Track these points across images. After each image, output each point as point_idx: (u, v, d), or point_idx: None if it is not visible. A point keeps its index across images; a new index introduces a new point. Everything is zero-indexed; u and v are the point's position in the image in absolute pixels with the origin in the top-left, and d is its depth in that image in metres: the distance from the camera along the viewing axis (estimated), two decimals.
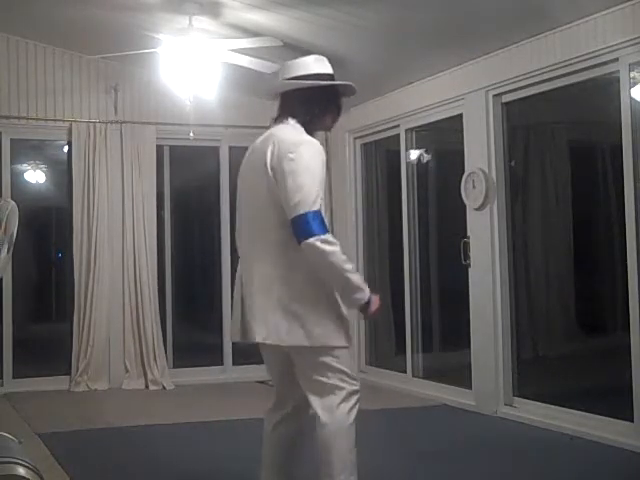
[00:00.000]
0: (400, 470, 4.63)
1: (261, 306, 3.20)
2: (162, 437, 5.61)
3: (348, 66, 6.74)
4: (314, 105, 3.30)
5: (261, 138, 3.32)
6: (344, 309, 3.26)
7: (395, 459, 4.86)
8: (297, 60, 3.39)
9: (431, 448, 5.14)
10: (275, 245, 3.19)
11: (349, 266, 3.16)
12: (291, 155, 3.10)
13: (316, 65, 3.36)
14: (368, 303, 3.27)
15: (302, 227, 3.06)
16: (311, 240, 3.05)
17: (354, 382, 3.26)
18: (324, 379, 3.20)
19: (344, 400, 3.22)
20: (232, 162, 7.88)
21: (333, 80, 3.36)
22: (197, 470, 4.67)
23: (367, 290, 3.25)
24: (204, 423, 5.95)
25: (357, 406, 3.26)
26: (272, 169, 3.13)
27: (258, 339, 3.21)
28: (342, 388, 3.21)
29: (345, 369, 3.24)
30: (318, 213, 3.07)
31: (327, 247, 3.08)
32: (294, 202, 3.06)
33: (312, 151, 3.14)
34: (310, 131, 3.26)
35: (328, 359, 3.20)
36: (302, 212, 3.05)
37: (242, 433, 5.45)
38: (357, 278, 3.21)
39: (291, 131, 3.22)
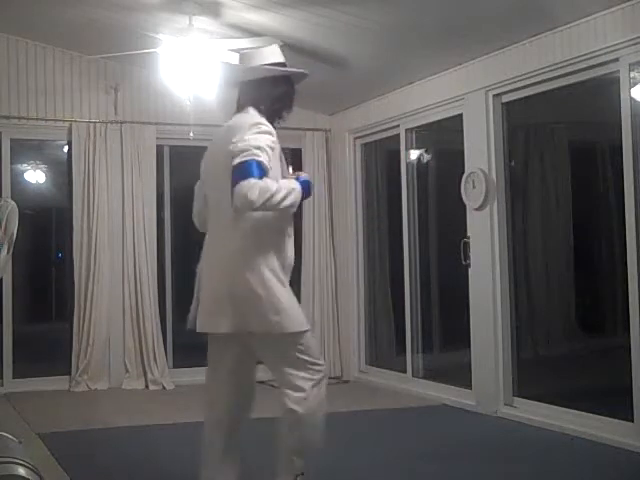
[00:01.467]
0: (400, 470, 4.62)
1: (224, 294, 3.32)
2: (162, 437, 5.61)
3: (348, 66, 6.76)
4: (266, 95, 3.44)
5: (222, 128, 3.49)
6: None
7: (395, 459, 4.86)
8: (253, 51, 3.60)
9: (431, 448, 5.14)
10: (236, 230, 3.32)
11: (281, 191, 3.21)
12: (239, 136, 3.23)
13: (270, 55, 3.51)
14: (306, 191, 3.38)
15: (239, 172, 3.14)
16: (247, 181, 3.10)
17: (320, 367, 3.41)
18: (293, 370, 3.35)
19: (315, 387, 3.38)
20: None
21: (284, 65, 3.52)
22: (197, 470, 4.67)
23: (295, 184, 3.33)
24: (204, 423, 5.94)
25: (325, 390, 3.43)
26: (230, 155, 3.22)
27: (223, 329, 3.34)
28: (310, 379, 3.36)
29: (311, 357, 3.38)
30: (258, 162, 3.15)
31: (262, 183, 3.13)
32: (236, 151, 3.17)
33: (261, 130, 3.26)
34: (270, 118, 3.40)
35: (294, 348, 3.35)
36: (243, 160, 3.14)
37: (241, 433, 5.44)
38: (285, 192, 3.24)
39: (249, 118, 3.35)
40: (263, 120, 3.35)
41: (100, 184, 7.58)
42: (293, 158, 8.59)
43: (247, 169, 3.12)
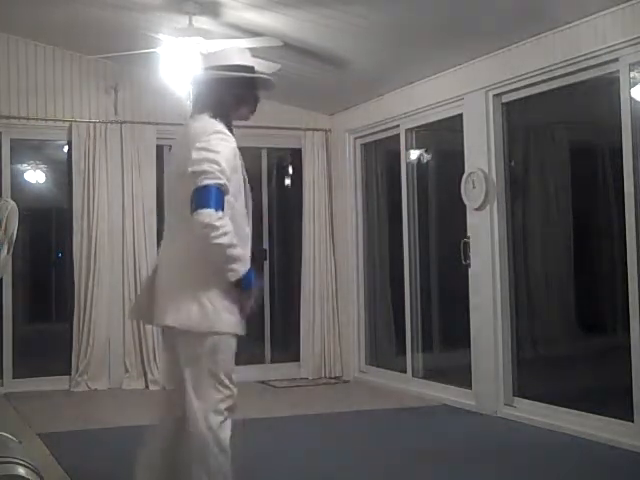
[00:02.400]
0: (400, 470, 4.63)
1: (166, 289, 3.21)
2: None
3: (348, 66, 6.76)
4: (225, 96, 3.27)
5: (180, 132, 3.39)
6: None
7: (395, 459, 4.86)
8: (218, 50, 3.45)
9: (431, 448, 5.14)
10: (180, 230, 3.24)
11: (233, 241, 3.07)
12: (199, 144, 3.10)
13: (236, 56, 3.34)
14: (247, 284, 3.13)
15: (199, 198, 3.01)
16: (205, 212, 2.99)
17: (230, 389, 3.18)
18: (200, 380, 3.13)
19: (214, 411, 3.13)
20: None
21: (253, 72, 3.34)
22: None
23: (247, 267, 3.13)
24: None
25: (229, 423, 3.17)
26: (184, 160, 3.13)
27: (167, 322, 3.16)
28: (215, 396, 3.13)
29: (222, 373, 3.15)
30: (219, 188, 3.03)
31: (218, 223, 3.00)
32: (197, 172, 3.04)
33: (220, 138, 3.14)
34: (225, 122, 3.25)
35: (208, 354, 3.12)
36: (205, 183, 3.02)
37: (241, 433, 5.44)
38: (239, 252, 3.10)
39: (203, 124, 3.20)
40: (221, 127, 3.20)
41: (100, 184, 7.58)
42: (293, 158, 8.60)
43: (206, 196, 3.01)
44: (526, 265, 6.60)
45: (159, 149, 7.89)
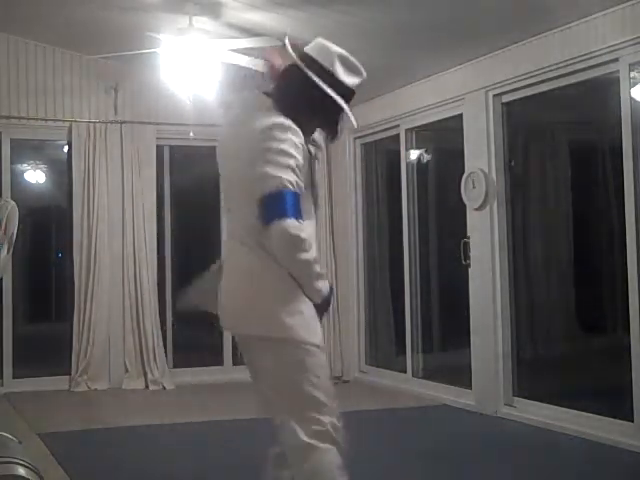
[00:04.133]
0: (400, 470, 4.63)
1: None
2: (162, 437, 5.61)
3: None
4: (306, 103, 2.78)
5: (237, 108, 2.93)
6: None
7: (395, 459, 4.86)
8: (327, 44, 2.85)
9: (431, 448, 5.14)
10: (249, 232, 2.78)
11: (316, 256, 2.75)
12: (266, 140, 2.66)
13: (341, 69, 2.83)
14: (330, 298, 2.82)
15: (274, 206, 2.62)
16: (283, 224, 2.61)
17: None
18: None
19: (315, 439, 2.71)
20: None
21: (351, 94, 2.85)
22: (197, 470, 4.67)
23: (327, 284, 2.81)
24: (204, 423, 5.95)
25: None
26: (248, 149, 2.71)
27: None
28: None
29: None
30: (293, 193, 2.64)
31: (303, 235, 2.64)
32: (266, 175, 2.63)
33: (285, 134, 2.67)
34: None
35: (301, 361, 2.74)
36: (275, 190, 2.62)
37: (242, 433, 5.45)
38: (321, 269, 2.78)
39: (268, 116, 2.71)
40: (282, 119, 2.70)
41: (100, 184, 7.58)
42: None
43: (281, 204, 2.61)
44: (526, 265, 6.60)
45: (159, 149, 7.90)
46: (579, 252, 6.62)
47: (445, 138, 7.52)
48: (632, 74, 5.10)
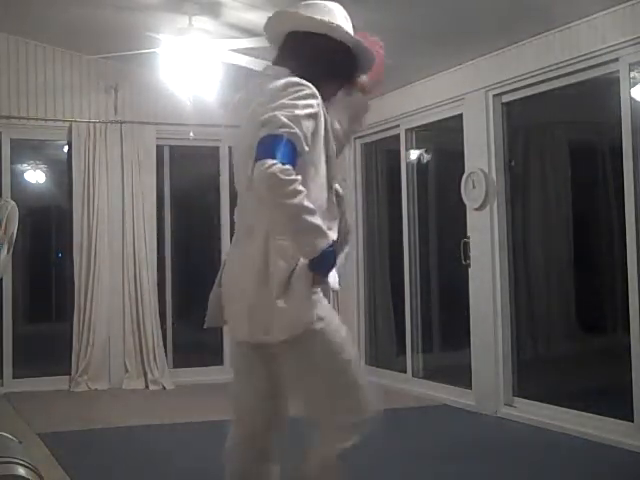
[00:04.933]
0: (400, 470, 4.62)
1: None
2: (162, 437, 5.61)
3: None
4: (323, 60, 2.64)
5: (248, 94, 2.72)
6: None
7: (395, 459, 4.86)
8: (318, 1, 2.71)
9: (431, 448, 5.14)
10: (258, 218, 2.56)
11: (309, 205, 2.41)
12: (274, 103, 2.46)
13: (341, 17, 2.69)
14: (328, 259, 2.48)
15: (266, 147, 2.38)
16: (269, 163, 2.34)
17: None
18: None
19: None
20: (232, 162, 7.88)
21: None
22: (197, 470, 4.67)
23: (329, 239, 2.47)
24: (204, 423, 5.95)
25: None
26: (254, 127, 2.49)
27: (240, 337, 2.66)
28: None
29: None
30: (290, 142, 2.38)
31: (282, 175, 2.34)
32: (263, 121, 2.42)
33: (301, 94, 2.49)
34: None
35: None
36: (274, 132, 2.38)
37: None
38: (318, 220, 2.44)
39: (283, 82, 2.54)
40: (300, 80, 2.52)
41: (100, 184, 7.58)
42: None
43: (271, 146, 2.37)
44: (526, 265, 6.60)
45: (159, 149, 7.89)
46: (579, 252, 6.62)
47: (445, 138, 7.52)
48: (632, 74, 5.10)
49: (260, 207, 2.46)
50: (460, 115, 6.55)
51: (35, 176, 8.41)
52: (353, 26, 2.80)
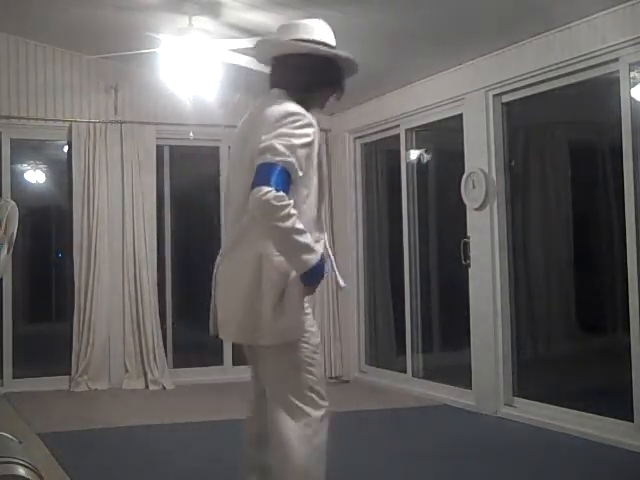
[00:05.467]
0: (400, 470, 4.62)
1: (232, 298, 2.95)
2: (162, 437, 5.61)
3: None
4: (311, 75, 2.94)
5: (246, 118, 3.03)
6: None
7: (395, 459, 4.86)
8: (298, 21, 3.02)
9: (431, 448, 5.14)
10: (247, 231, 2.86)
11: (299, 227, 2.71)
12: (273, 130, 2.75)
13: (320, 31, 2.98)
14: (318, 273, 2.78)
15: (262, 174, 2.66)
16: (264, 190, 2.63)
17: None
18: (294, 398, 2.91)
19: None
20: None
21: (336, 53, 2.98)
22: (197, 470, 4.67)
23: (318, 255, 2.78)
24: (204, 423, 5.95)
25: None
26: (253, 150, 2.78)
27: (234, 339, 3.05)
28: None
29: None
30: (285, 170, 2.67)
31: (275, 201, 2.63)
32: (262, 148, 2.70)
33: (299, 124, 2.78)
34: (305, 106, 2.87)
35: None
36: (269, 161, 2.67)
37: (242, 433, 5.44)
38: (308, 239, 2.75)
39: (280, 107, 2.82)
40: (298, 109, 2.81)
41: (100, 184, 7.58)
42: None
43: (266, 173, 2.65)
44: (526, 265, 6.60)
45: (159, 149, 7.90)
46: (579, 252, 6.62)
47: (445, 138, 7.52)
48: (632, 74, 5.10)
49: (255, 224, 2.76)
50: (460, 115, 6.55)
51: (35, 176, 8.41)
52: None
